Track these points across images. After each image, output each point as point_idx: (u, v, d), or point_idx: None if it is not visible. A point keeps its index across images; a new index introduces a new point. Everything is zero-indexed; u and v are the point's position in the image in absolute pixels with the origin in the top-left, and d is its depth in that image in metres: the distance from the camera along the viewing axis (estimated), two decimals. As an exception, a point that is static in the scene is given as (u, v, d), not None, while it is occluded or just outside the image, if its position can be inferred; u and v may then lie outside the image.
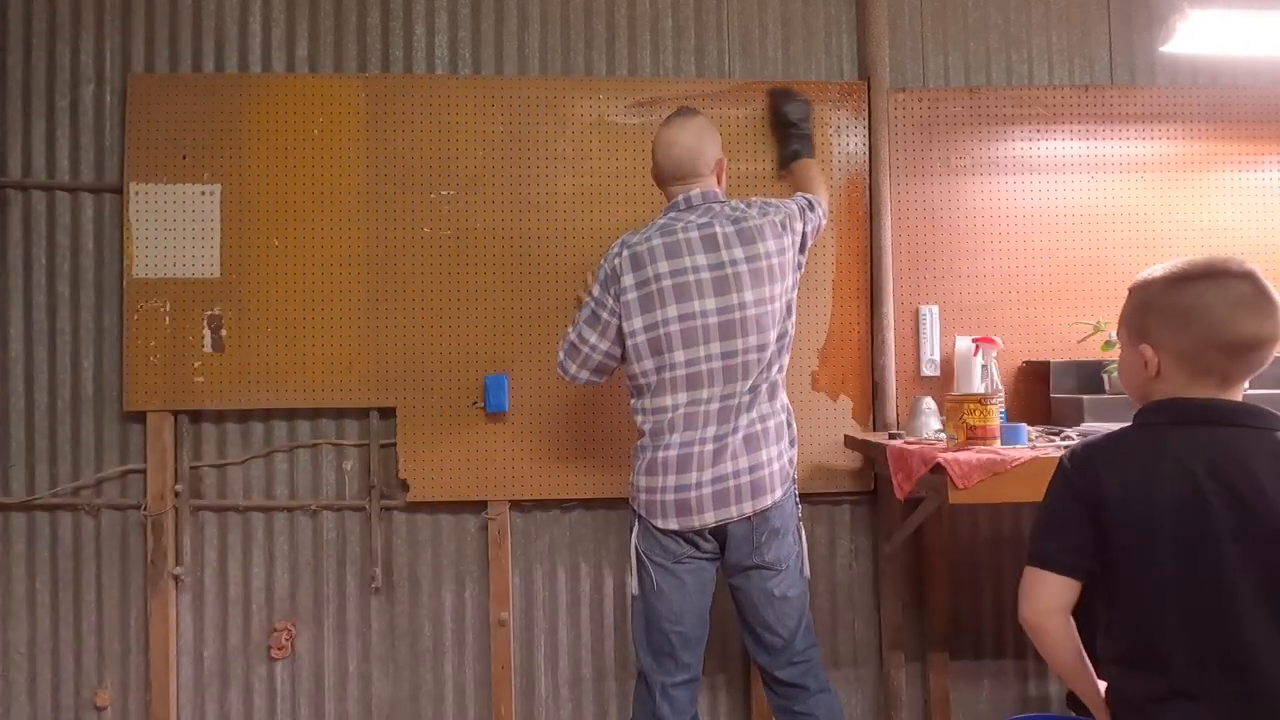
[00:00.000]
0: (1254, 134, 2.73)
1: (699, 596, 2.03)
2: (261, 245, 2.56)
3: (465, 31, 2.67)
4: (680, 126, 2.10)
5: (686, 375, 1.97)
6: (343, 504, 2.62)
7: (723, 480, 1.95)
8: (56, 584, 2.58)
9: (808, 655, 2.05)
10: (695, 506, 1.96)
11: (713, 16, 2.72)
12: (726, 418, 1.97)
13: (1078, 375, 2.50)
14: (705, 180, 2.09)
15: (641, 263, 2.00)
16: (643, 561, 2.02)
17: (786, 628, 2.01)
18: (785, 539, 2.01)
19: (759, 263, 1.98)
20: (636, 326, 2.00)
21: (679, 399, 1.98)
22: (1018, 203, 2.71)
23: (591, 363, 2.09)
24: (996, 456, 1.88)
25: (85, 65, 2.60)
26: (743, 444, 1.96)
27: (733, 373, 1.96)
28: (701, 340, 1.96)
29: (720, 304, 1.96)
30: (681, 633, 2.01)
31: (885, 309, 2.65)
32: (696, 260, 1.98)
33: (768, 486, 1.97)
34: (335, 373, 2.56)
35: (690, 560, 2.01)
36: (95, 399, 2.58)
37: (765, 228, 2.01)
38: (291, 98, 2.57)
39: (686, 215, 2.04)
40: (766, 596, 2.00)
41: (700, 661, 2.07)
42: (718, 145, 2.13)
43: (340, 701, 2.61)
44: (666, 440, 1.98)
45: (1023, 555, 1.33)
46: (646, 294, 1.99)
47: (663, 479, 1.98)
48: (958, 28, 2.77)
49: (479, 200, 2.60)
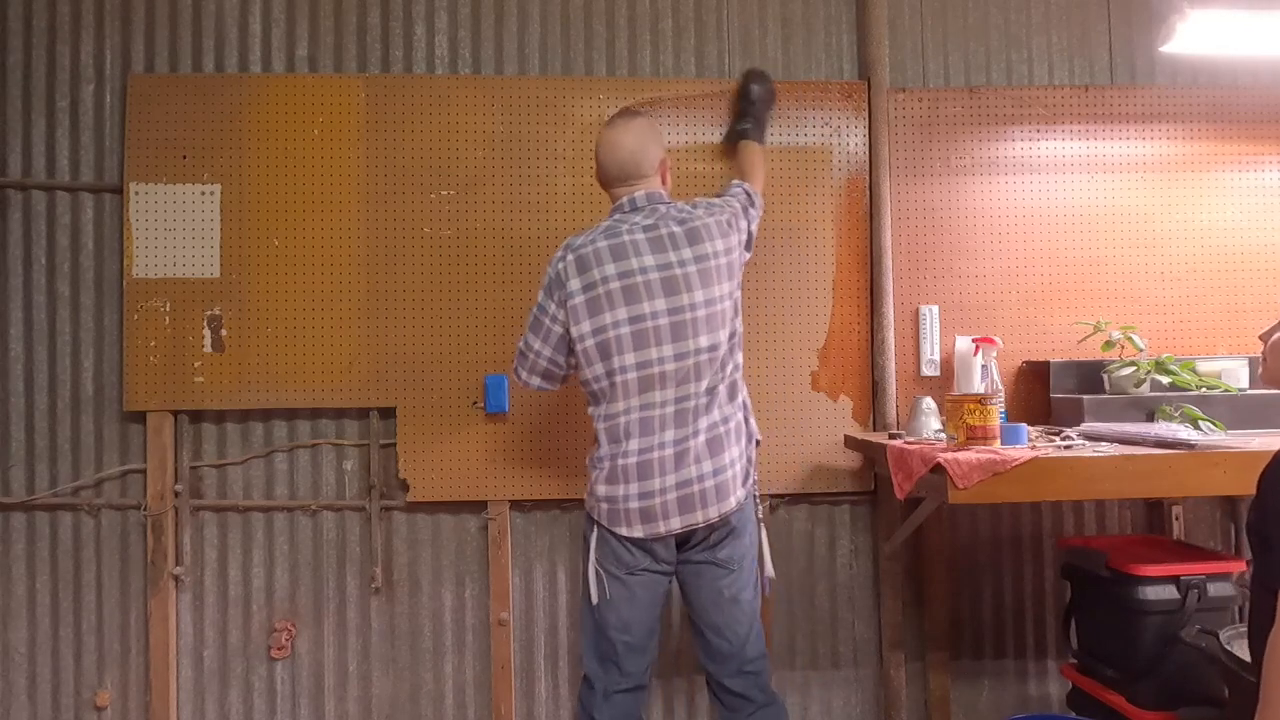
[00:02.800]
0: (1254, 134, 2.73)
1: (649, 608, 2.01)
2: (261, 245, 2.56)
3: (465, 31, 2.67)
4: (622, 128, 2.07)
5: (639, 378, 1.94)
6: (343, 504, 2.62)
7: (687, 485, 1.92)
8: (56, 584, 2.58)
9: (757, 666, 2.02)
10: (660, 513, 1.93)
11: (713, 16, 2.72)
12: (684, 420, 1.94)
13: (1078, 375, 2.50)
14: (649, 181, 2.07)
15: (587, 266, 1.98)
16: (599, 572, 2.01)
17: (736, 633, 1.99)
18: (740, 539, 2.00)
19: (707, 262, 1.97)
20: (585, 330, 1.97)
21: (632, 403, 1.95)
22: (1018, 203, 2.71)
23: (538, 369, 2.08)
24: (996, 456, 1.88)
25: (85, 65, 2.60)
26: (705, 447, 1.94)
27: (686, 374, 1.94)
28: (653, 342, 1.93)
29: (670, 305, 1.94)
30: (628, 642, 1.99)
31: (885, 309, 2.65)
32: (644, 261, 1.95)
33: (731, 488, 1.95)
34: (335, 373, 2.56)
35: (644, 573, 1.99)
36: (95, 399, 2.58)
37: (712, 227, 1.99)
38: (291, 98, 2.57)
39: (632, 217, 2.02)
40: (717, 597, 1.98)
41: (646, 672, 2.05)
42: (661, 145, 2.11)
43: (340, 701, 2.61)
44: (624, 447, 1.95)
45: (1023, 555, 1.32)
46: (594, 297, 1.96)
47: (624, 487, 1.95)
48: (958, 28, 2.77)
49: (479, 200, 2.60)
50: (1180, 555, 2.30)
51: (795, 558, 2.70)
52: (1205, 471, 1.88)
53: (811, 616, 2.70)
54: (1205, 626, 2.11)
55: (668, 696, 2.67)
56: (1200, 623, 2.13)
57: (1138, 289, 2.71)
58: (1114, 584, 2.22)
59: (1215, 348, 2.69)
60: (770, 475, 2.63)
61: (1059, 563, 2.55)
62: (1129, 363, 2.40)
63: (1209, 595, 2.15)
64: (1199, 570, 2.18)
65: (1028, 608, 2.72)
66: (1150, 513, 2.75)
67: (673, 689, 2.67)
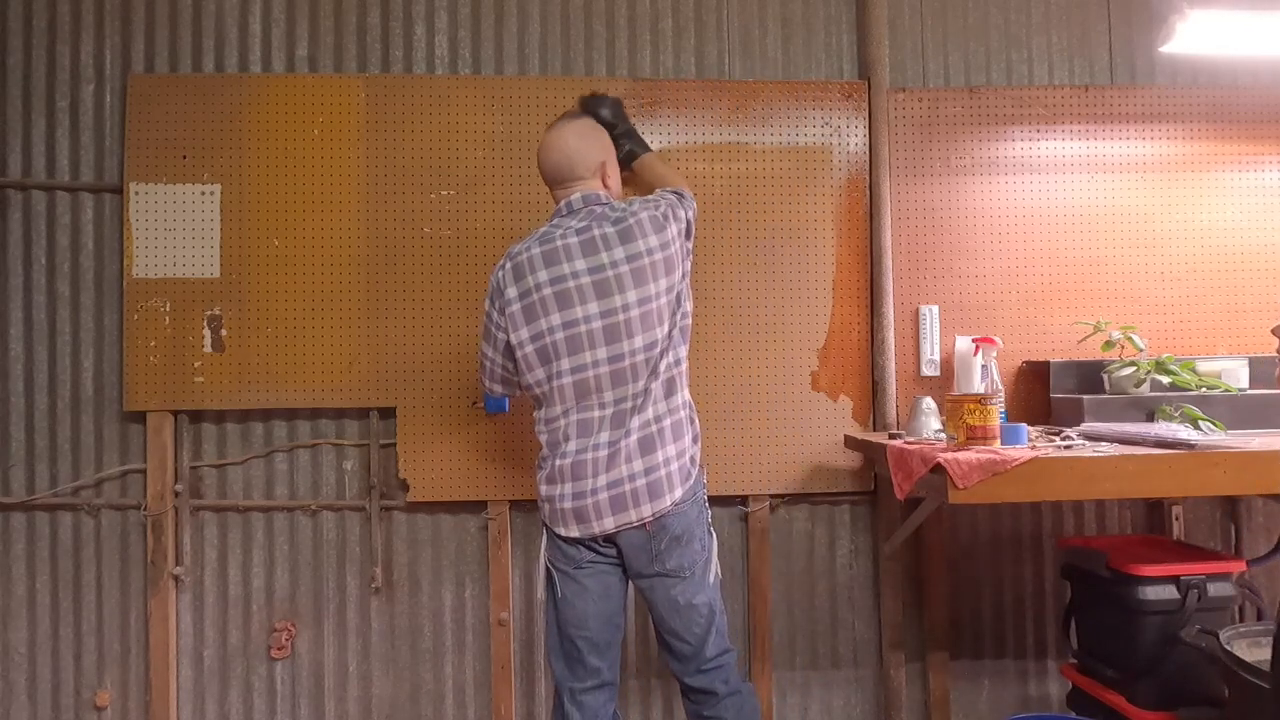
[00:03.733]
0: (1254, 134, 2.73)
1: (602, 601, 2.00)
2: (261, 245, 2.56)
3: (465, 31, 2.68)
4: (559, 130, 2.06)
5: (574, 382, 1.93)
6: (343, 504, 2.62)
7: (618, 485, 1.91)
8: (56, 584, 2.58)
9: (719, 661, 2.01)
10: (593, 513, 1.92)
11: (713, 16, 2.72)
12: (621, 421, 1.92)
13: (1078, 375, 2.50)
14: (586, 183, 2.03)
15: (522, 273, 1.97)
16: (549, 570, 2.01)
17: (694, 635, 1.98)
18: (689, 545, 1.96)
19: (640, 260, 1.93)
20: (523, 337, 1.96)
21: (569, 407, 1.94)
22: (1018, 203, 2.71)
23: (496, 375, 2.08)
24: (996, 456, 1.88)
25: (85, 65, 2.60)
26: (637, 446, 1.91)
27: (621, 376, 1.92)
28: (586, 346, 1.92)
29: (603, 308, 1.92)
30: (587, 637, 1.98)
31: (885, 309, 2.65)
32: (576, 265, 1.93)
33: (665, 487, 1.92)
34: (335, 373, 2.56)
35: (590, 565, 1.98)
36: (95, 399, 2.58)
37: (645, 222, 1.96)
38: (291, 98, 2.57)
39: (567, 221, 2.00)
40: (671, 604, 1.97)
41: (613, 667, 2.03)
42: (602, 147, 2.07)
43: (340, 701, 2.61)
44: (562, 449, 1.95)
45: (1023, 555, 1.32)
46: (529, 304, 1.95)
47: (560, 487, 1.94)
48: (958, 28, 2.77)
49: (479, 200, 2.60)
50: (1180, 555, 2.30)
51: (795, 558, 2.70)
52: (1205, 471, 1.88)
53: (811, 616, 2.70)
54: (1205, 626, 2.11)
55: (667, 696, 2.67)
56: (1200, 623, 2.13)
57: (1138, 289, 2.71)
58: (1114, 584, 2.22)
59: (1215, 348, 2.69)
60: (770, 475, 2.63)
61: (1059, 563, 2.55)
62: (1129, 363, 2.40)
63: (1209, 595, 2.15)
64: (1199, 570, 2.18)
65: (1028, 608, 2.72)
66: (1150, 513, 2.76)
67: (672, 689, 2.67)
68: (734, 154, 2.65)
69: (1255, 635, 1.98)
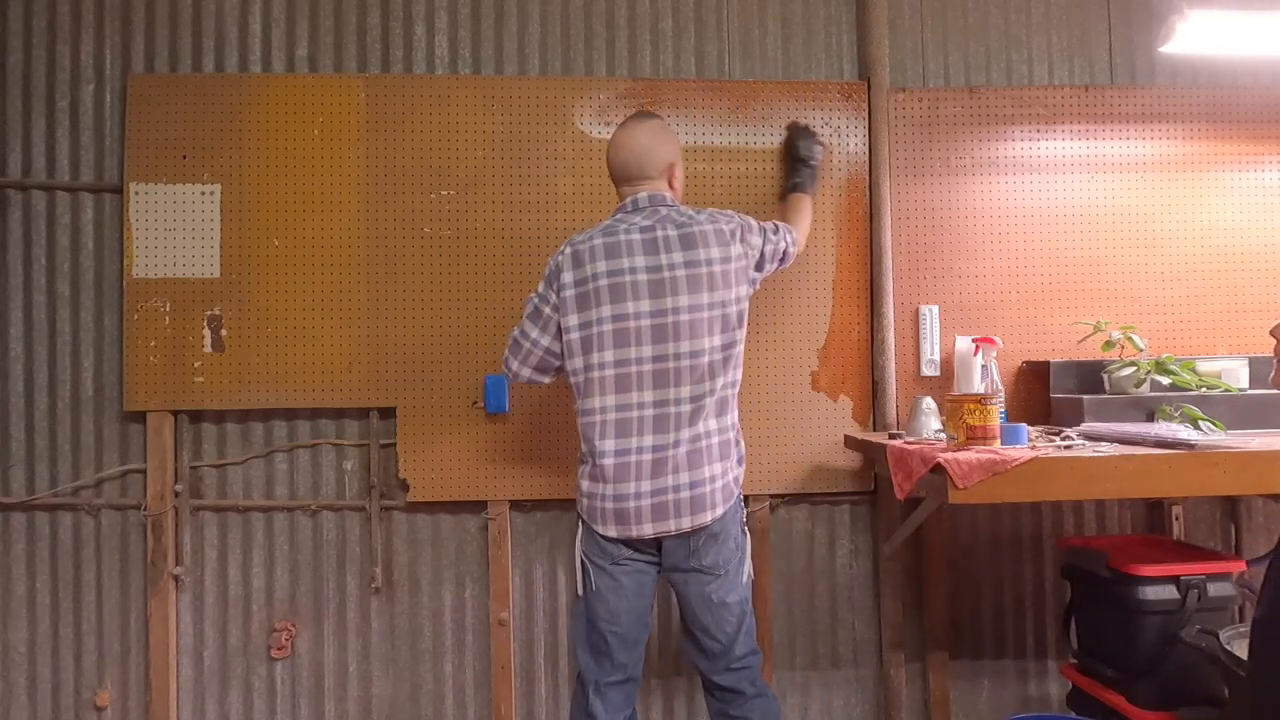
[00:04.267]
0: (1254, 134, 2.73)
1: (635, 598, 2.02)
2: (261, 245, 2.56)
3: (465, 31, 2.67)
4: (631, 129, 2.09)
5: (615, 376, 1.95)
6: (343, 504, 2.62)
7: (662, 493, 1.93)
8: (56, 584, 2.58)
9: (747, 662, 2.03)
10: (634, 516, 1.94)
11: (713, 16, 2.72)
12: (664, 427, 1.94)
13: (1078, 375, 2.50)
14: (654, 183, 2.08)
15: (581, 261, 2.00)
16: (584, 563, 2.03)
17: (725, 633, 2.00)
18: (725, 544, 1.99)
19: (699, 268, 1.97)
20: (572, 324, 2.00)
21: (607, 401, 1.96)
22: (1018, 203, 2.71)
23: (533, 359, 2.08)
24: (996, 456, 1.88)
25: (85, 65, 2.60)
26: (685, 459, 1.94)
27: (664, 377, 1.94)
28: (633, 342, 1.95)
29: (654, 306, 1.95)
30: (617, 633, 2.01)
31: (885, 309, 2.65)
32: (635, 261, 1.97)
33: (709, 503, 1.95)
34: (335, 373, 2.56)
35: (628, 563, 2.01)
36: (95, 399, 2.58)
37: (710, 234, 1.99)
38: (291, 98, 2.57)
39: (632, 217, 2.04)
40: (705, 601, 1.99)
41: (638, 664, 2.06)
42: (671, 149, 2.10)
43: (340, 701, 2.61)
44: (601, 447, 1.97)
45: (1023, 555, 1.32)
46: (584, 292, 1.99)
47: (602, 486, 1.97)
48: (958, 28, 2.77)
49: (479, 200, 2.60)
50: (1180, 555, 2.30)
51: (795, 558, 2.70)
52: (1205, 471, 1.88)
53: (811, 616, 2.70)
54: (1205, 626, 2.11)
55: (668, 696, 2.67)
56: (1200, 623, 2.13)
57: (1138, 289, 2.71)
58: (1114, 584, 2.22)
59: (1215, 348, 2.69)
60: (770, 475, 2.63)
61: (1059, 563, 2.55)
62: (1129, 363, 2.40)
63: (1209, 595, 2.15)
64: (1199, 570, 2.18)
65: (1028, 608, 2.72)
66: (1150, 513, 2.76)
67: (673, 689, 2.67)
68: (734, 154, 2.65)
69: (1255, 635, 1.98)
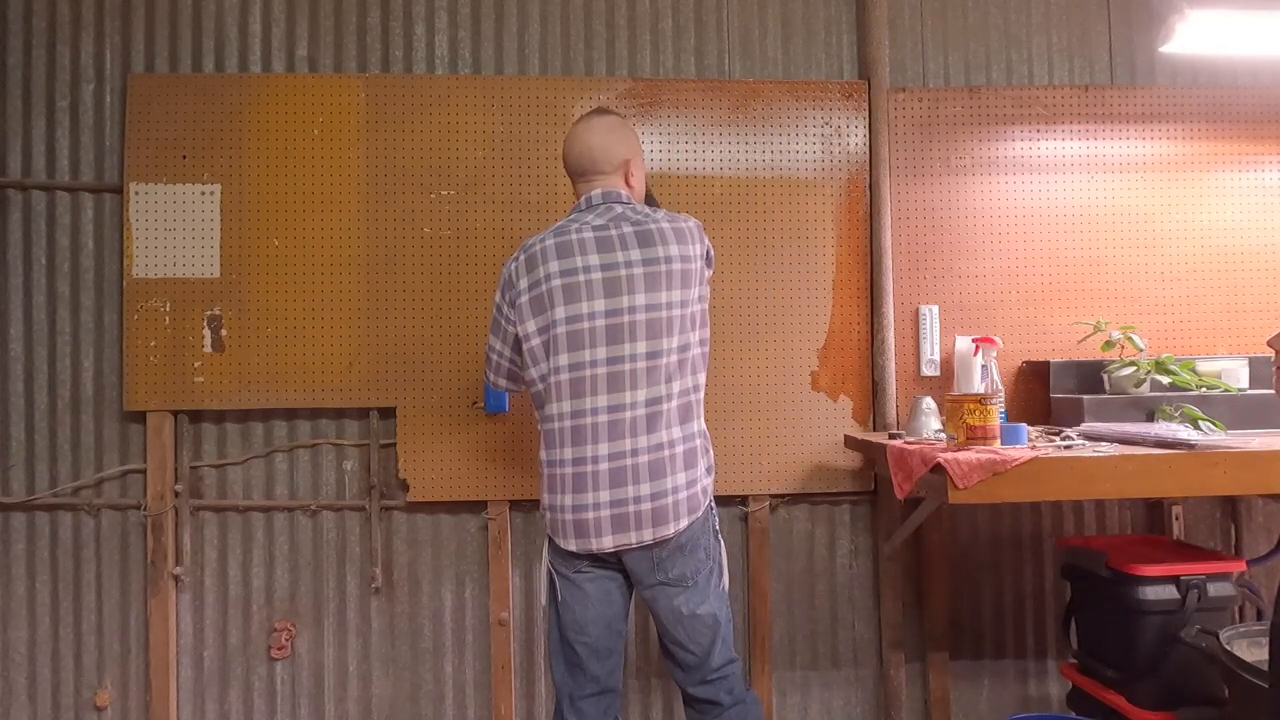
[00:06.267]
0: (1254, 134, 2.73)
1: (602, 606, 1.94)
2: (261, 245, 2.56)
3: (465, 31, 2.68)
4: (587, 122, 2.02)
5: (571, 380, 1.86)
6: (343, 504, 2.62)
7: (622, 504, 1.84)
8: (56, 584, 2.58)
9: (724, 672, 1.97)
10: (593, 529, 1.86)
11: (713, 16, 2.72)
12: (619, 433, 1.85)
13: (1078, 375, 2.50)
14: (608, 179, 1.98)
15: (535, 264, 1.91)
16: (550, 573, 1.97)
17: (699, 645, 1.93)
18: (693, 554, 1.90)
19: (657, 266, 1.87)
20: (530, 330, 1.91)
21: (564, 407, 1.88)
22: (1018, 203, 2.71)
23: (502, 370, 2.04)
24: (996, 456, 1.88)
25: (85, 65, 2.60)
26: (646, 468, 1.84)
27: (619, 380, 1.85)
28: (587, 344, 1.86)
29: (609, 306, 1.86)
30: (587, 643, 1.93)
31: (885, 309, 2.65)
32: (588, 260, 1.88)
33: (671, 515, 1.85)
34: (335, 373, 2.56)
35: (590, 569, 1.94)
36: (95, 399, 2.58)
37: (669, 232, 1.91)
38: (291, 98, 2.57)
39: (585, 216, 1.96)
40: (675, 614, 1.92)
41: (613, 675, 1.98)
42: (627, 146, 2.00)
43: (340, 701, 2.61)
44: (560, 455, 1.89)
45: (1023, 555, 1.32)
46: (537, 295, 1.90)
47: (560, 497, 1.89)
48: (958, 28, 2.77)
49: (479, 200, 2.60)
50: (1180, 555, 2.29)
51: (795, 558, 2.70)
52: (1205, 471, 1.88)
53: (811, 616, 2.70)
54: (1205, 626, 2.11)
55: (667, 696, 2.67)
56: (1200, 623, 2.13)
57: (1138, 289, 2.71)
58: (1114, 584, 2.22)
59: (1215, 348, 2.69)
60: (770, 475, 2.63)
61: (1059, 563, 2.55)
62: (1129, 363, 2.40)
63: (1209, 595, 2.15)
64: (1199, 570, 2.18)
65: (1028, 608, 2.72)
66: (1150, 513, 2.76)
67: (672, 689, 2.67)
68: (734, 154, 2.65)
69: (1255, 635, 1.98)
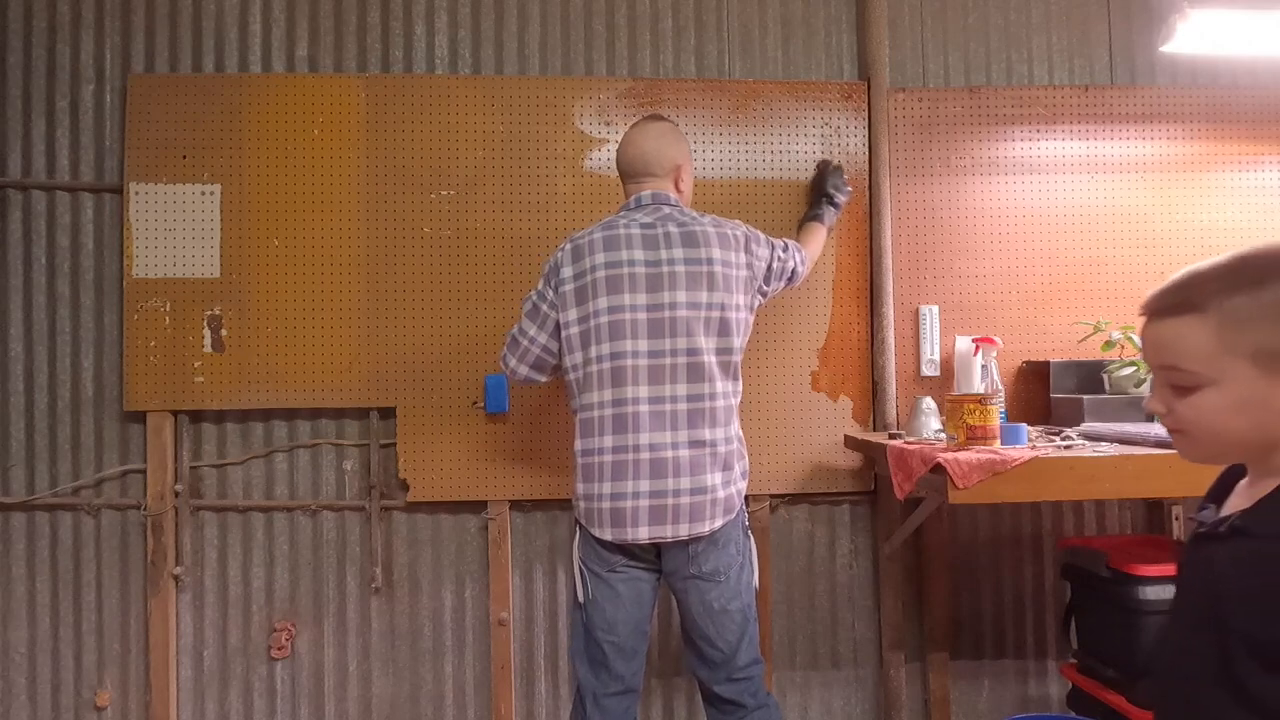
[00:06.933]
0: (1254, 134, 2.73)
1: (634, 607, 1.98)
2: (261, 245, 2.56)
3: (465, 31, 2.68)
4: (642, 127, 2.11)
5: (612, 369, 1.92)
6: (343, 504, 2.62)
7: (661, 495, 1.89)
8: (56, 584, 2.58)
9: (749, 672, 1.98)
10: (630, 518, 1.89)
11: (713, 16, 2.72)
12: (660, 425, 1.90)
13: (1078, 375, 2.50)
14: (658, 181, 2.07)
15: (581, 255, 1.99)
16: (582, 571, 1.99)
17: (727, 642, 1.95)
18: (725, 549, 1.94)
19: (699, 266, 1.94)
20: (571, 318, 1.98)
21: (604, 395, 1.93)
22: (1018, 203, 2.71)
23: (530, 357, 2.06)
24: (996, 456, 1.88)
25: (85, 65, 2.60)
26: (687, 462, 1.90)
27: (659, 373, 1.92)
28: (628, 335, 1.92)
29: (651, 300, 1.93)
30: (615, 643, 1.96)
31: (885, 309, 2.65)
32: (634, 254, 1.95)
33: (708, 513, 1.90)
34: (335, 373, 2.56)
35: (625, 569, 1.96)
36: (95, 399, 2.58)
37: (713, 235, 1.98)
38: (291, 98, 2.57)
39: (634, 214, 2.03)
40: (706, 609, 1.94)
41: (638, 675, 2.01)
42: (679, 151, 2.10)
43: (340, 701, 2.61)
44: (598, 444, 1.93)
45: (1023, 555, 1.32)
46: (582, 285, 1.97)
47: (598, 485, 1.92)
48: (958, 28, 2.77)
49: (479, 200, 2.60)
50: (1180, 555, 2.29)
51: (795, 558, 2.70)
52: (1205, 471, 1.88)
53: (811, 616, 2.70)
54: (1205, 627, 2.11)
55: (667, 696, 2.67)
56: (1200, 623, 2.13)
57: (1138, 289, 2.69)
58: (1114, 584, 2.22)
59: (1215, 348, 2.69)
60: (770, 475, 2.63)
61: (1059, 563, 2.55)
62: (1129, 363, 2.40)
63: (1209, 595, 2.15)
64: (1199, 570, 2.17)
65: (1028, 608, 2.72)
66: (1150, 513, 2.76)
67: (672, 689, 2.67)
68: (734, 154, 2.65)
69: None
